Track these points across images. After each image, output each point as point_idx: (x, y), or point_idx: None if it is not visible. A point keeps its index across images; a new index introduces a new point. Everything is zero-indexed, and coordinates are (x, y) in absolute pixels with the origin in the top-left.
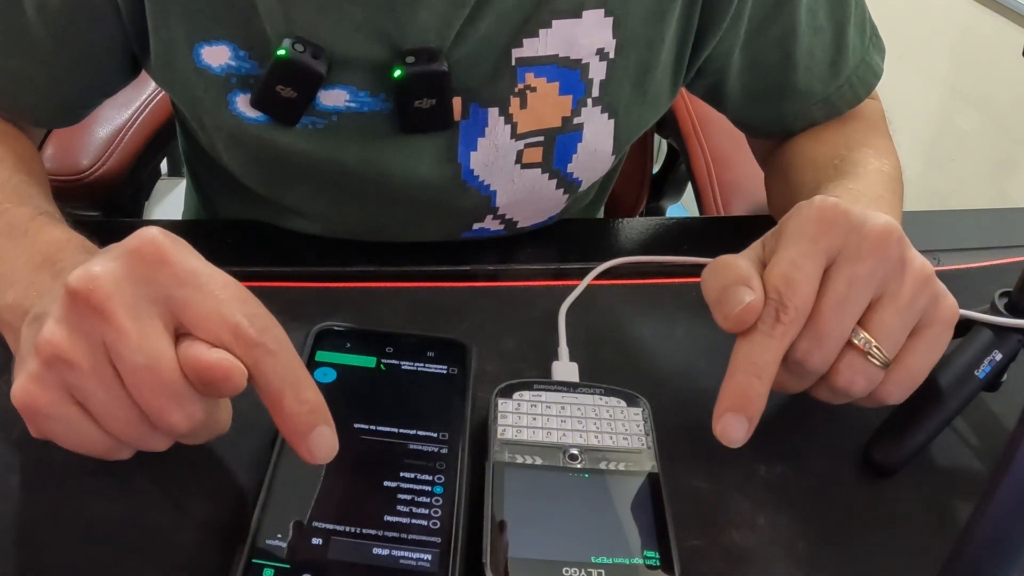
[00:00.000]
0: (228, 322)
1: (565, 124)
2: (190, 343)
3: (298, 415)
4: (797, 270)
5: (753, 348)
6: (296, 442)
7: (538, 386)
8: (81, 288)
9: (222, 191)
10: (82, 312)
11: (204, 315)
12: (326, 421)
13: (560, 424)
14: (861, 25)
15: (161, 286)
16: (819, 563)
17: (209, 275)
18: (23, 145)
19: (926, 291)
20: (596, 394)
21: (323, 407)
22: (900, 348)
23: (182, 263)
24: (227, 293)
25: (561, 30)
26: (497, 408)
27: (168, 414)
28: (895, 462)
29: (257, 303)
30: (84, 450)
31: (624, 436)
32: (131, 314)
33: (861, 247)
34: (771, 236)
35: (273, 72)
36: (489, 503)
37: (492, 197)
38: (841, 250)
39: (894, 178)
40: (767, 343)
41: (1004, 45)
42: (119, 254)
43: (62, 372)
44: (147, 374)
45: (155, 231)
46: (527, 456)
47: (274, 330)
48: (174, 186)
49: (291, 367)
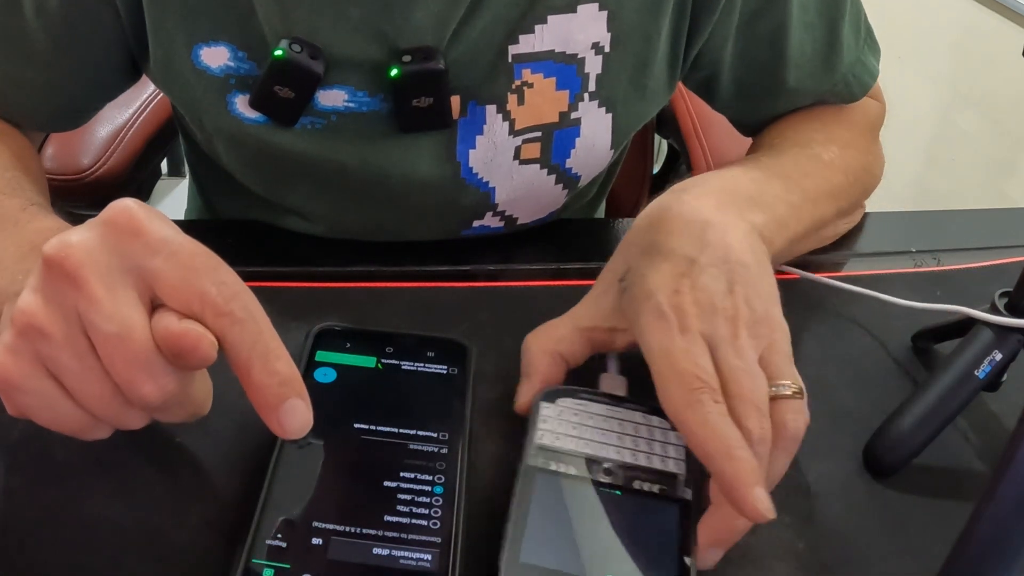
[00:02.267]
0: (196, 291)
1: (563, 119)
2: (161, 314)
3: (268, 386)
4: (700, 356)
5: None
6: (266, 415)
7: (583, 395)
8: (55, 255)
9: (222, 192)
10: (56, 280)
11: (174, 284)
12: (299, 394)
13: (599, 437)
14: (856, 24)
15: (134, 256)
16: (819, 563)
17: (180, 244)
18: (20, 143)
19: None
20: (640, 412)
21: (296, 380)
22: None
23: (154, 232)
24: (197, 261)
25: (556, 25)
26: (539, 412)
27: (140, 385)
28: (895, 462)
29: (228, 271)
30: (60, 427)
31: (662, 458)
32: (104, 282)
33: (730, 327)
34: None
35: (271, 73)
36: (515, 505)
37: (491, 194)
38: (713, 333)
39: (833, 166)
40: (728, 421)
41: (1004, 45)
42: (94, 224)
43: (36, 342)
44: (119, 343)
45: (130, 202)
46: (561, 464)
47: (243, 298)
48: (174, 186)
49: (260, 337)
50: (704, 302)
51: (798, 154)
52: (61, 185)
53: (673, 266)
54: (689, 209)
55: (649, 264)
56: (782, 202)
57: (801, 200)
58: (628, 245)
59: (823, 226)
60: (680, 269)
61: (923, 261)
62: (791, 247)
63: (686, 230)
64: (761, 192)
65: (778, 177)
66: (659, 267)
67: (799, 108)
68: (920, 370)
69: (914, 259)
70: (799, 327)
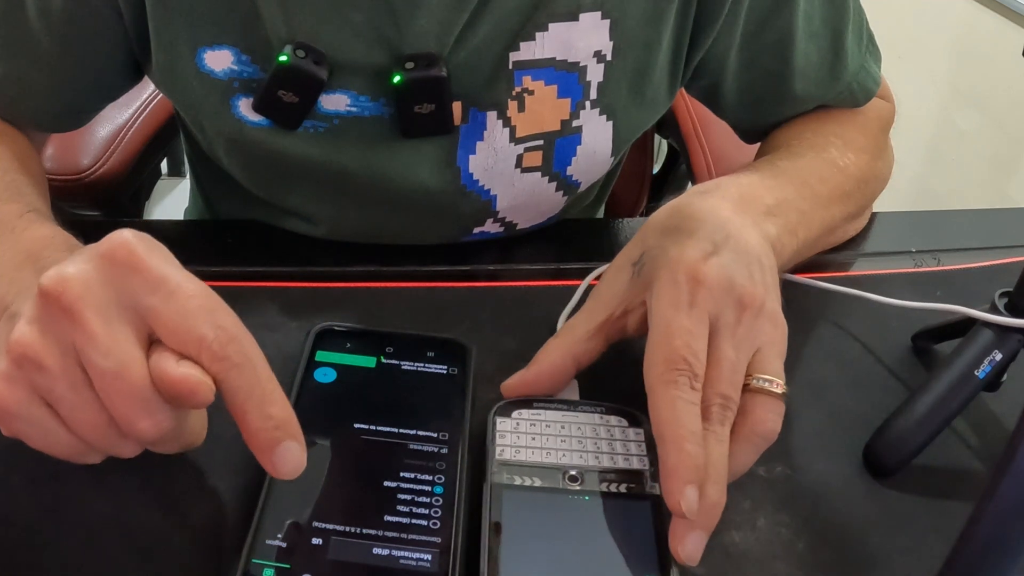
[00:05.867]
0: (194, 335)
1: (564, 127)
2: (159, 354)
3: (262, 430)
4: (696, 339)
5: (683, 418)
6: (260, 457)
7: (537, 404)
8: (52, 289)
9: (223, 193)
10: (53, 313)
11: (171, 326)
12: (293, 436)
13: (560, 444)
14: (858, 32)
15: (132, 292)
16: (819, 563)
17: (178, 283)
18: (21, 145)
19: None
20: (597, 413)
21: (290, 422)
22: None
23: (153, 269)
24: (195, 303)
25: (558, 33)
26: (495, 428)
27: (136, 421)
28: (895, 462)
29: (227, 313)
30: (53, 452)
31: (625, 457)
32: (101, 318)
33: (740, 315)
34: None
35: (275, 77)
36: (486, 525)
37: (493, 201)
38: (719, 315)
39: (847, 172)
40: (694, 410)
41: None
42: (92, 256)
43: (31, 373)
44: (116, 380)
45: (128, 234)
46: (526, 478)
47: (240, 343)
48: (174, 186)
49: (257, 381)
50: (721, 281)
51: (815, 158)
52: (61, 185)
53: (697, 243)
54: (710, 207)
55: (672, 242)
56: (795, 210)
57: (812, 207)
58: (645, 233)
59: (833, 231)
60: (704, 247)
61: (923, 261)
62: (799, 253)
63: (709, 221)
64: (777, 201)
65: (793, 183)
66: (682, 243)
67: (807, 112)
68: (920, 370)
69: (914, 259)
70: (799, 327)
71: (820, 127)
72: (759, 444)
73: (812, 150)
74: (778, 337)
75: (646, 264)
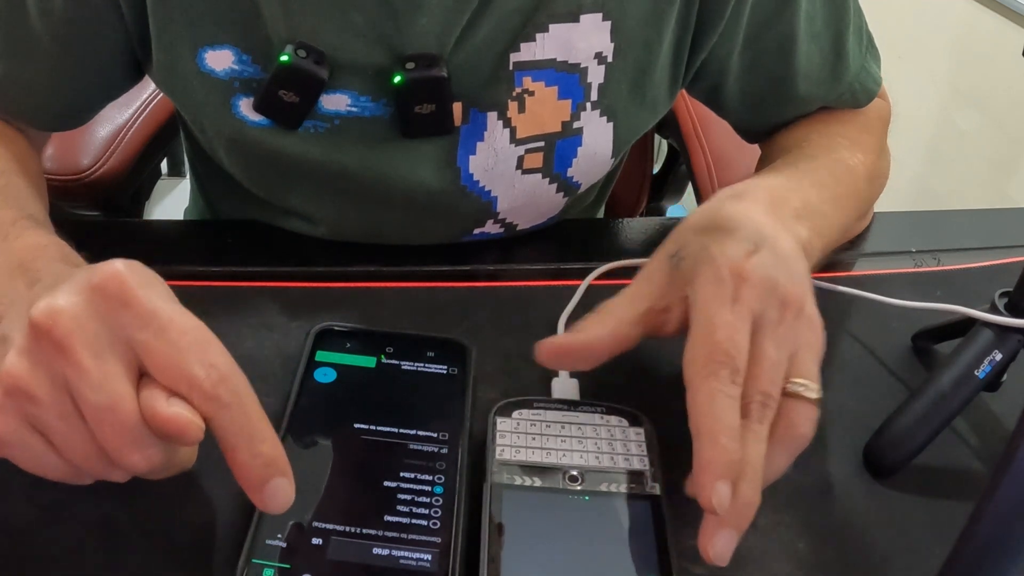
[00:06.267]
0: (184, 373)
1: (565, 129)
2: (149, 391)
3: (252, 467)
4: (739, 334)
5: (722, 412)
6: (250, 493)
7: (538, 404)
8: (43, 323)
9: (224, 193)
10: (44, 347)
11: (162, 363)
12: (282, 473)
13: (560, 444)
14: (859, 33)
15: (123, 327)
16: (819, 563)
17: (170, 318)
18: (19, 146)
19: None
20: (597, 412)
21: (279, 460)
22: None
23: (144, 304)
24: (186, 339)
25: (558, 34)
26: (495, 428)
27: (127, 455)
28: (895, 462)
29: (218, 351)
30: (45, 475)
31: (625, 457)
32: (92, 352)
33: (783, 315)
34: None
35: (276, 77)
36: (486, 526)
37: (493, 203)
38: (763, 313)
39: (856, 172)
40: (734, 405)
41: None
42: (83, 287)
43: (22, 403)
44: (107, 414)
45: (120, 266)
46: (526, 478)
47: (231, 381)
48: (174, 186)
49: (246, 420)
50: (764, 280)
51: (827, 160)
52: (61, 185)
53: (738, 243)
54: (744, 210)
55: (711, 240)
56: (819, 212)
57: (833, 208)
58: (679, 233)
59: (847, 231)
60: (746, 247)
61: (923, 261)
62: (823, 255)
63: (746, 223)
64: (803, 204)
65: (815, 185)
66: (723, 241)
67: (810, 113)
68: (920, 370)
69: (914, 259)
70: None
71: (825, 128)
72: (792, 449)
73: (823, 151)
74: (815, 340)
75: (685, 259)
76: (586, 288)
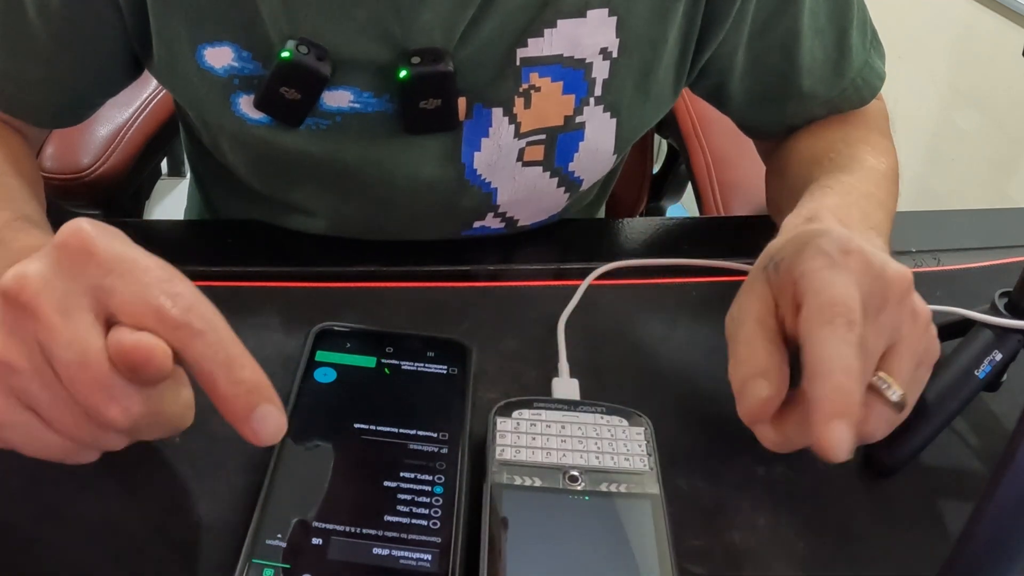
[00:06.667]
0: (150, 305)
1: (567, 123)
2: (115, 330)
3: (234, 396)
4: (851, 292)
5: (839, 354)
6: (238, 426)
7: (538, 404)
8: (11, 288)
9: (225, 190)
10: (15, 313)
11: (128, 300)
12: (268, 400)
13: (560, 444)
14: (862, 28)
15: (88, 277)
16: (819, 563)
17: (134, 260)
18: (16, 146)
19: (928, 336)
20: (597, 412)
21: (263, 385)
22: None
23: (107, 251)
24: (150, 276)
25: (566, 30)
26: (496, 427)
27: (103, 409)
28: (895, 462)
29: (184, 282)
30: (45, 455)
31: (626, 457)
32: (59, 309)
33: (885, 298)
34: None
35: (277, 74)
36: (486, 526)
37: (493, 195)
38: (867, 296)
39: (888, 176)
40: (851, 351)
41: (1004, 45)
42: (48, 250)
43: (5, 375)
44: (77, 369)
45: (82, 222)
46: (526, 478)
47: (199, 308)
48: (174, 186)
49: (221, 346)
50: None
51: (861, 169)
52: (61, 184)
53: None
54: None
55: (804, 243)
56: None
57: (885, 216)
58: (769, 249)
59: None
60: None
61: (923, 261)
62: None
63: (834, 229)
64: (865, 217)
65: (866, 197)
66: (817, 242)
67: (814, 114)
68: None
69: (914, 259)
70: None
71: (846, 135)
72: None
73: (854, 161)
74: (917, 334)
75: (783, 260)
76: (586, 288)
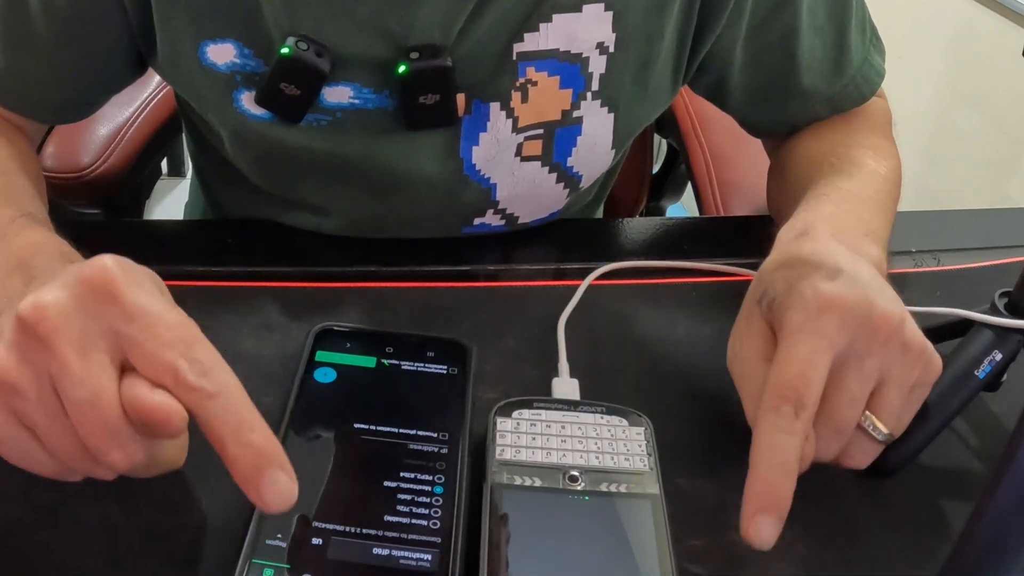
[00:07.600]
0: (169, 365)
1: (565, 117)
2: (132, 381)
3: (242, 458)
4: (813, 369)
5: (776, 446)
6: (245, 488)
7: (538, 404)
8: (29, 318)
9: (228, 187)
10: (30, 341)
11: (147, 356)
12: (279, 466)
13: (560, 444)
14: (862, 26)
15: (109, 319)
16: (819, 563)
17: (157, 314)
18: (18, 144)
19: (921, 362)
20: (597, 413)
21: (274, 450)
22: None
23: (131, 299)
24: (172, 334)
25: (562, 24)
26: (496, 427)
27: (107, 452)
28: (895, 462)
29: (204, 347)
30: (34, 470)
31: (626, 457)
32: (76, 347)
33: (870, 343)
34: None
35: (277, 70)
36: (486, 526)
37: (492, 190)
38: (850, 345)
39: (889, 180)
40: (790, 441)
41: (1004, 45)
42: (71, 282)
43: (9, 397)
44: (88, 409)
45: (109, 261)
46: (526, 478)
47: (216, 374)
48: (174, 186)
49: (233, 410)
50: (851, 310)
51: (861, 173)
52: (61, 183)
53: (821, 274)
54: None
55: (795, 273)
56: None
57: (884, 221)
58: (763, 274)
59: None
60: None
61: (923, 261)
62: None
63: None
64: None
65: (865, 203)
66: (809, 275)
67: (816, 112)
68: None
69: (914, 259)
70: None
71: (846, 139)
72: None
73: (854, 165)
74: (908, 367)
75: (775, 298)
76: (586, 288)
